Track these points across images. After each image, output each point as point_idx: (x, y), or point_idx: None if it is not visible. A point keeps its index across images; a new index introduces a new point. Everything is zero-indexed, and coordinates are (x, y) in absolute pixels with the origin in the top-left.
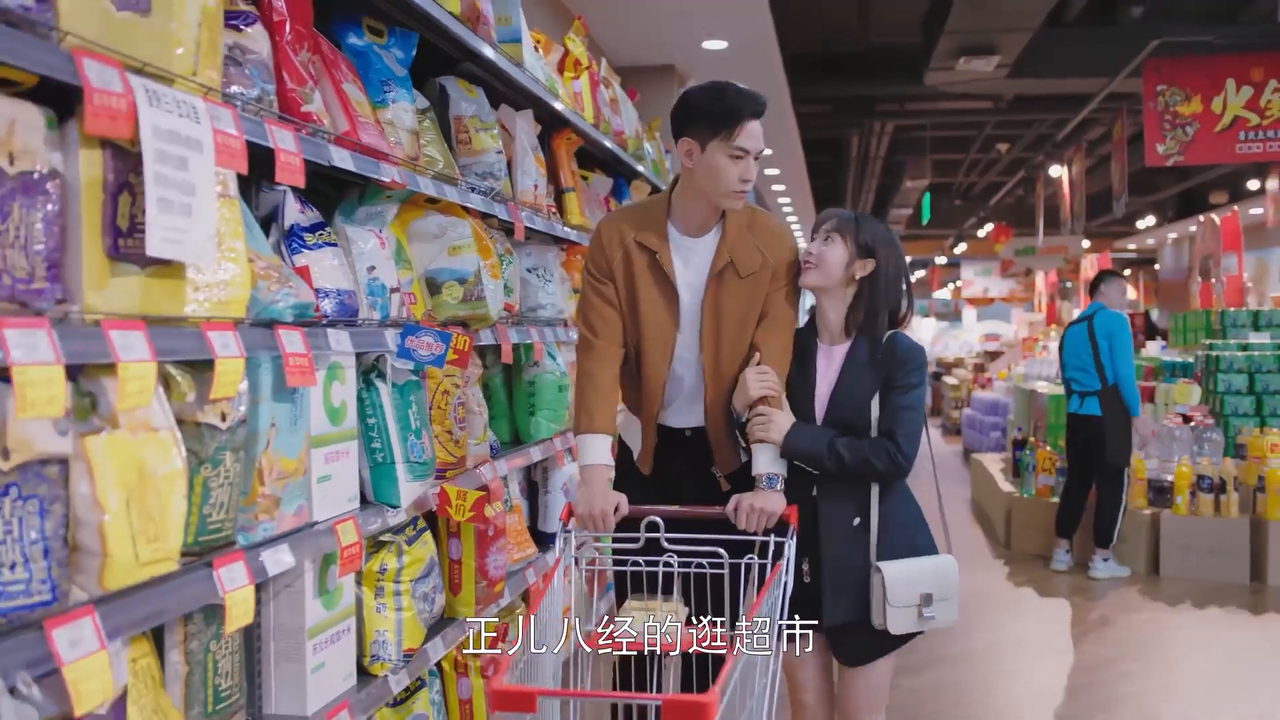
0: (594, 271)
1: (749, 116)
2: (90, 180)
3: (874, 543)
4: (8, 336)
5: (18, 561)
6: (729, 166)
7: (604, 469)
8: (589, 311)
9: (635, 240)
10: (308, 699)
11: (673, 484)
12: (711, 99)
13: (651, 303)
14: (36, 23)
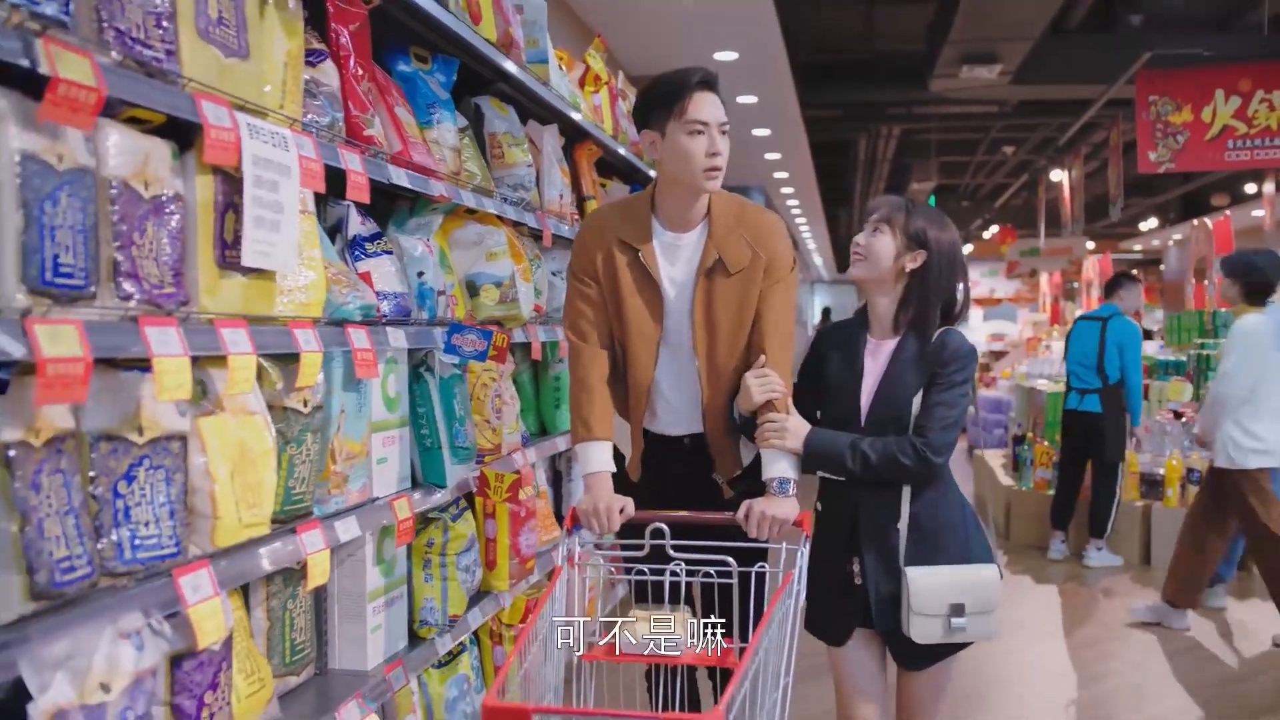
0: (578, 272)
1: (696, 87)
2: (204, 201)
3: (903, 545)
4: (149, 333)
5: (150, 520)
6: (691, 144)
7: (607, 475)
8: (575, 316)
9: (618, 238)
10: (368, 655)
11: (668, 491)
12: (656, 83)
13: (635, 302)
14: (167, 72)
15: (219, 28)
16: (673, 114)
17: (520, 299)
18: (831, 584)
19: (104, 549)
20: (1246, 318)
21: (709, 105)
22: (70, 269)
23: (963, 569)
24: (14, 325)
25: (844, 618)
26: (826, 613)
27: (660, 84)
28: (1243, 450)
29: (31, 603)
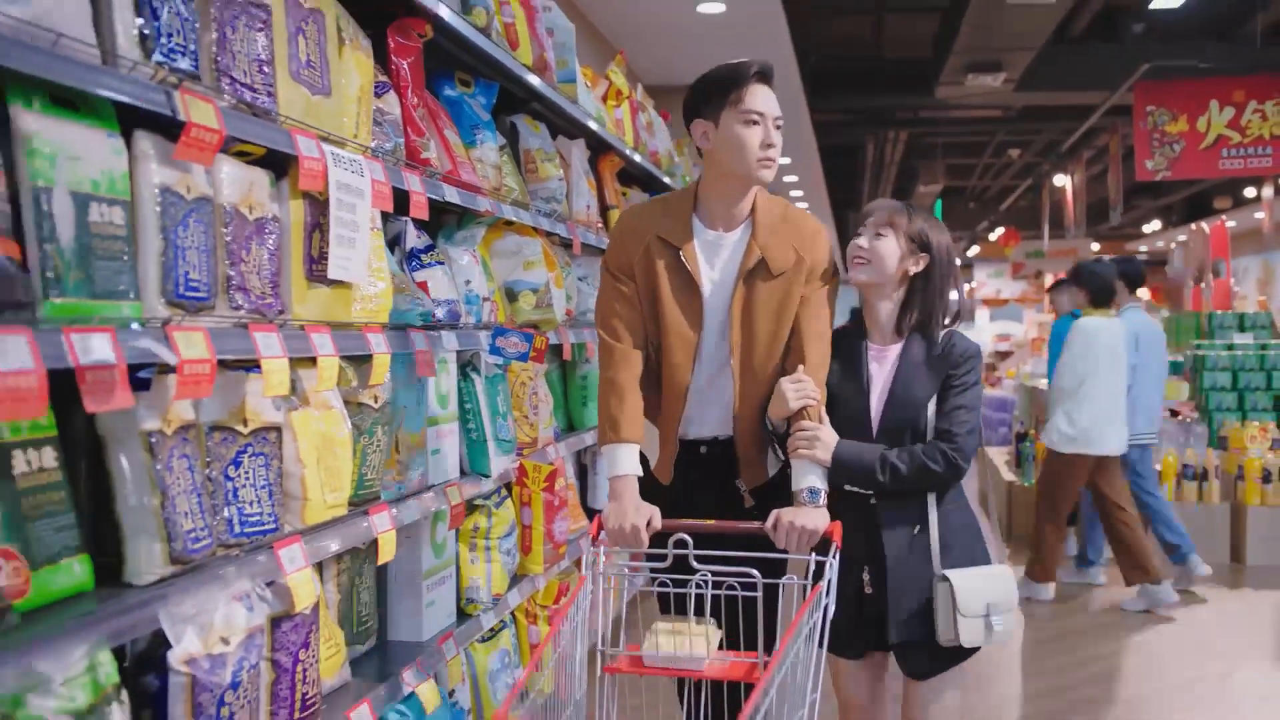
0: (613, 270)
1: (754, 78)
2: (296, 222)
3: (936, 551)
4: (257, 338)
5: (254, 500)
6: (746, 134)
7: (633, 480)
8: (608, 315)
9: (657, 236)
10: (423, 629)
11: (690, 496)
12: (713, 73)
13: (674, 302)
14: (268, 111)
15: (307, 69)
16: (728, 103)
17: (554, 304)
18: (842, 595)
19: (218, 524)
20: (1088, 319)
21: (764, 97)
22: (197, 284)
23: (989, 570)
24: (159, 332)
25: (858, 631)
26: (839, 626)
27: (716, 74)
28: (1063, 437)
29: (170, 566)
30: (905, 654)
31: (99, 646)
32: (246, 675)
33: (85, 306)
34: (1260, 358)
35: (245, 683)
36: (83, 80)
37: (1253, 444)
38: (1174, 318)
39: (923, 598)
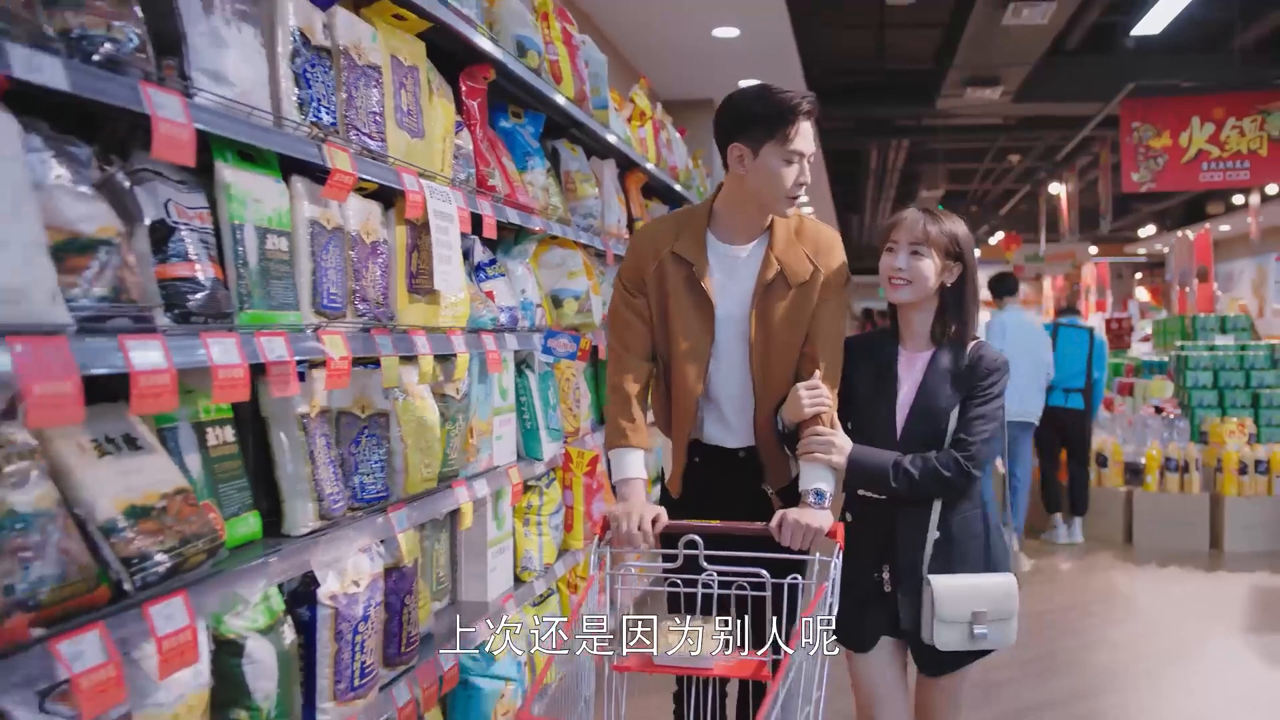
0: (626, 284)
1: (803, 116)
2: (400, 245)
3: (928, 554)
4: (377, 340)
5: (370, 472)
6: (784, 171)
7: (640, 483)
8: (620, 325)
9: (671, 251)
10: (488, 591)
11: (713, 504)
12: (763, 100)
13: (685, 317)
14: (381, 154)
15: (407, 117)
16: (774, 137)
17: (593, 310)
18: (861, 592)
19: (347, 490)
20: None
21: (807, 136)
22: (335, 296)
23: (984, 577)
24: (313, 336)
25: (873, 625)
26: (854, 620)
27: (763, 104)
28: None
29: (318, 521)
30: (918, 648)
31: (271, 582)
32: (372, 611)
33: (266, 316)
34: (1240, 358)
35: (371, 617)
36: (262, 140)
37: (1231, 439)
38: (1160, 320)
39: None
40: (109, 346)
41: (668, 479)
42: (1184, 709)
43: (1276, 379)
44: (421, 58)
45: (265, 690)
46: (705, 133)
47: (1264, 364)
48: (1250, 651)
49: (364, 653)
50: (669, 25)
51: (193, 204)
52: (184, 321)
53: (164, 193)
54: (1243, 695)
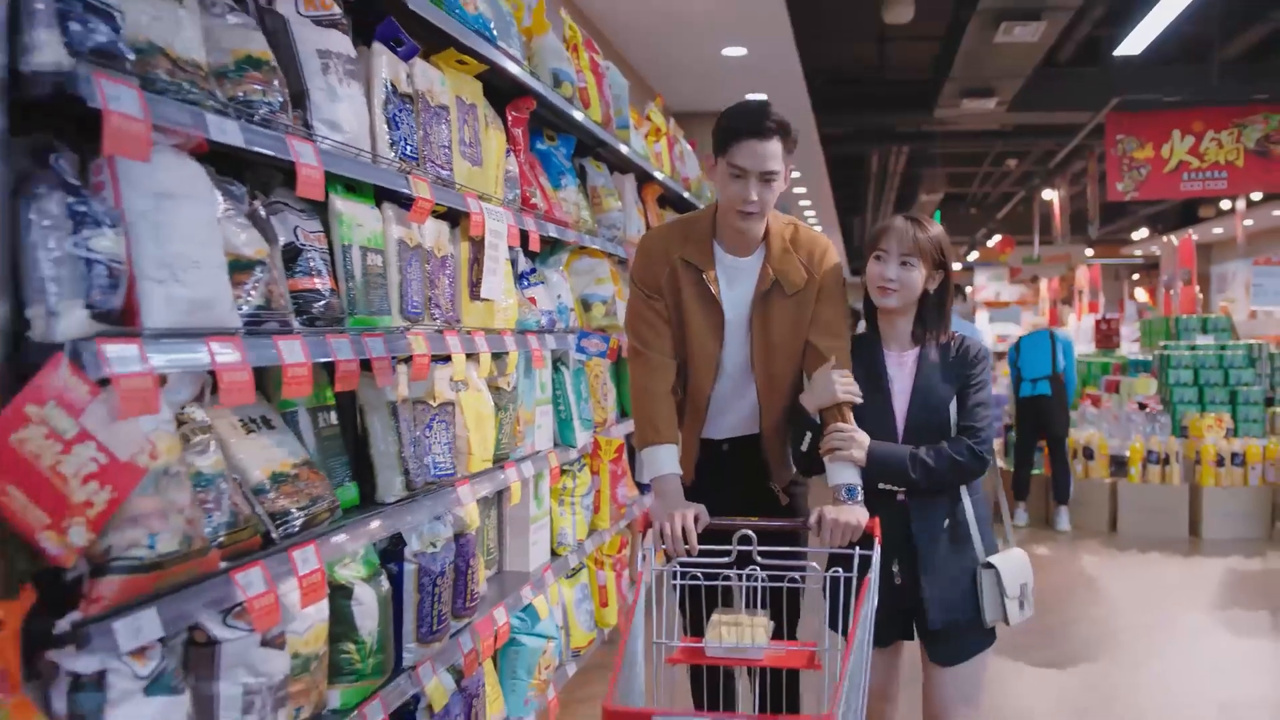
0: (642, 287)
1: (745, 135)
2: (464, 259)
3: (978, 541)
4: (449, 340)
5: (440, 452)
6: (729, 184)
7: (675, 478)
8: (640, 324)
9: (682, 258)
10: (529, 562)
11: (719, 495)
12: (721, 117)
13: (698, 320)
14: (450, 181)
15: (469, 147)
16: (723, 151)
17: (618, 313)
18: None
19: (424, 467)
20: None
21: (748, 153)
22: (416, 304)
23: (1012, 554)
24: (402, 336)
25: (888, 620)
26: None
27: (723, 118)
28: None
29: (405, 492)
30: (934, 640)
31: (371, 539)
32: (446, 568)
33: (368, 320)
34: (1219, 357)
35: (446, 574)
36: (365, 174)
37: (1209, 433)
38: (1146, 321)
39: (958, 586)
40: (266, 345)
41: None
42: (1157, 672)
43: (1253, 377)
44: (479, 96)
45: (369, 628)
46: None
47: (1242, 363)
48: (1220, 626)
49: (440, 603)
50: (682, 47)
51: (313, 229)
52: (310, 325)
53: (292, 220)
54: (1210, 662)
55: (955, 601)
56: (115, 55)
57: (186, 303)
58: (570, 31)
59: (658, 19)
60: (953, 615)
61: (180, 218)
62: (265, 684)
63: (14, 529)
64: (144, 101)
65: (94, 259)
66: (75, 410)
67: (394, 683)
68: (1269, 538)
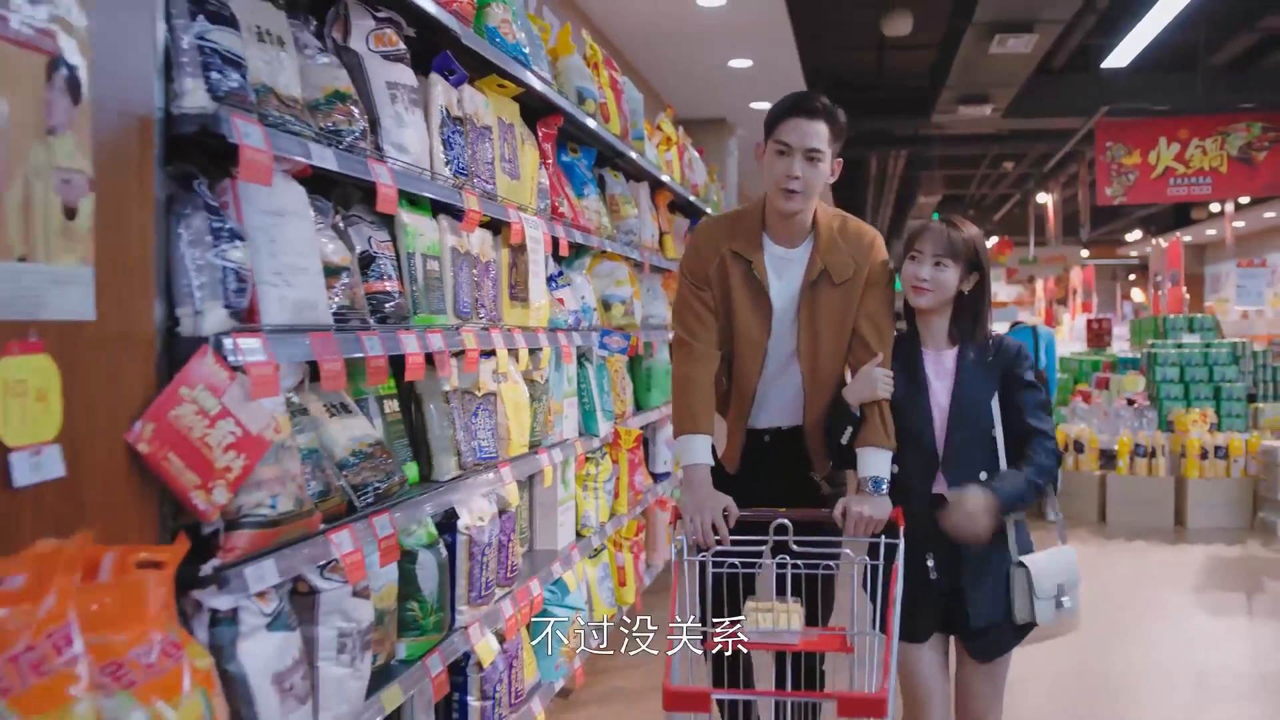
0: (691, 278)
1: (792, 113)
2: (504, 263)
3: (1013, 540)
4: (494, 337)
5: (485, 437)
6: (775, 161)
7: (706, 469)
8: (686, 315)
9: (730, 250)
10: (557, 541)
11: (760, 485)
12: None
13: (746, 310)
14: (493, 194)
15: (508, 163)
16: (771, 132)
17: (635, 312)
18: (910, 583)
19: (472, 450)
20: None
21: (794, 130)
22: (466, 304)
23: (1056, 550)
24: (456, 333)
25: (925, 615)
26: (906, 612)
27: (772, 107)
28: None
29: (458, 471)
30: (977, 638)
31: (430, 512)
32: (492, 541)
33: (428, 319)
34: (1204, 354)
35: (492, 545)
36: (426, 190)
37: (1194, 427)
38: (1136, 321)
39: (997, 585)
40: (352, 339)
41: (722, 454)
42: (1140, 645)
43: (1236, 374)
44: (516, 116)
45: (429, 589)
46: (721, 149)
47: (1225, 360)
48: (1199, 606)
49: (487, 571)
50: (691, 61)
51: (383, 239)
52: (382, 323)
53: (366, 231)
54: (1188, 637)
55: (994, 601)
56: (244, 97)
57: (294, 304)
58: (591, 50)
59: (669, 33)
60: (993, 614)
61: (289, 232)
62: (355, 629)
63: (171, 489)
64: (266, 136)
65: (228, 267)
66: (218, 392)
67: (449, 639)
68: (1250, 527)
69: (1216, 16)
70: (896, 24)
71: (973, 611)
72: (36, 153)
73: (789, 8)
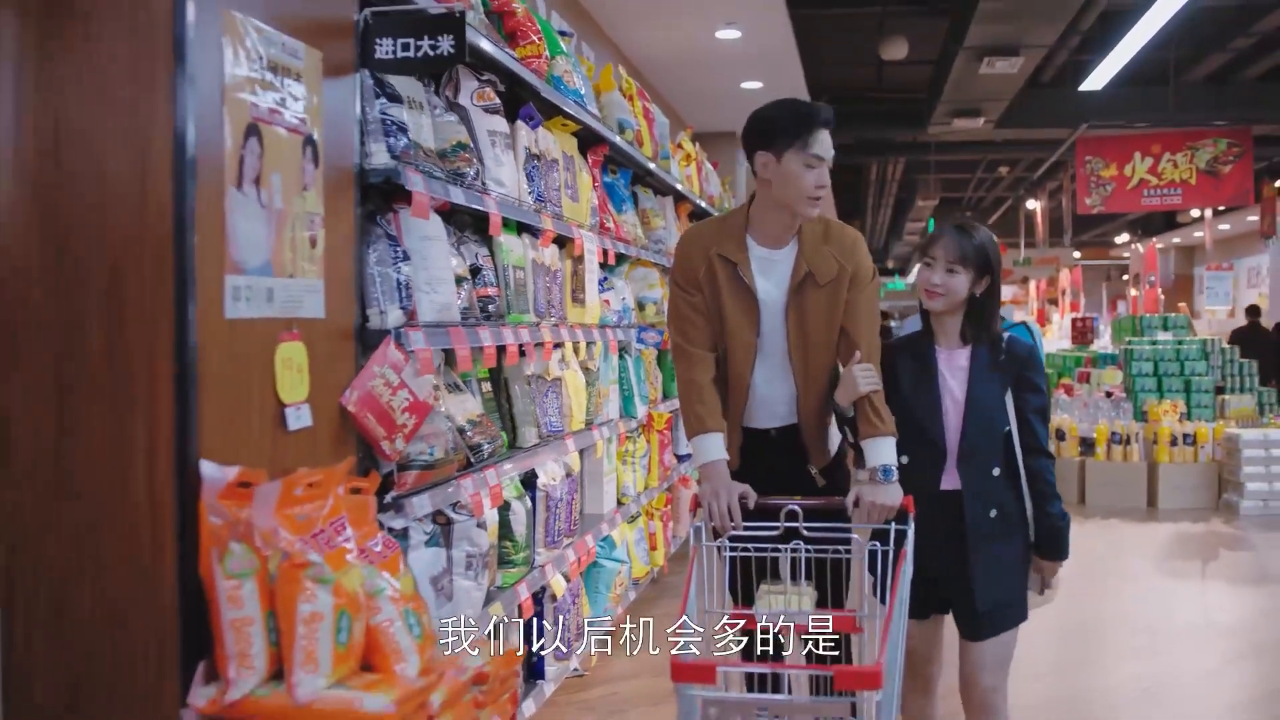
0: (681, 283)
1: (821, 125)
2: (567, 271)
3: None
4: (562, 332)
5: (554, 414)
6: (804, 174)
7: (723, 463)
8: (682, 323)
9: (717, 253)
10: (603, 506)
11: (761, 479)
12: (786, 111)
13: (734, 311)
14: (560, 215)
15: (570, 189)
16: (795, 143)
17: (665, 311)
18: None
19: (545, 424)
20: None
21: (826, 143)
22: (541, 306)
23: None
24: (537, 329)
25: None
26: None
27: (785, 115)
28: None
29: (537, 439)
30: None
31: (518, 471)
32: (562, 498)
33: (517, 317)
34: (1176, 351)
35: (562, 501)
36: (515, 215)
37: (1166, 417)
38: (1116, 320)
39: (1007, 573)
40: (473, 333)
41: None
42: (1110, 606)
43: (1205, 368)
44: (575, 149)
45: (520, 533)
46: (732, 160)
47: (1196, 356)
48: (1162, 573)
49: (559, 520)
50: (708, 83)
51: (484, 254)
52: (486, 320)
53: (473, 248)
54: (1151, 595)
55: (1002, 587)
56: (409, 154)
57: (439, 306)
58: (626, 84)
59: (690, 61)
60: (998, 600)
61: (434, 252)
62: (478, 552)
63: (366, 439)
64: (425, 182)
65: (400, 279)
66: (397, 369)
67: (531, 574)
68: (1215, 507)
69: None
70: (893, 48)
71: (978, 598)
72: (296, 204)
73: (796, 35)
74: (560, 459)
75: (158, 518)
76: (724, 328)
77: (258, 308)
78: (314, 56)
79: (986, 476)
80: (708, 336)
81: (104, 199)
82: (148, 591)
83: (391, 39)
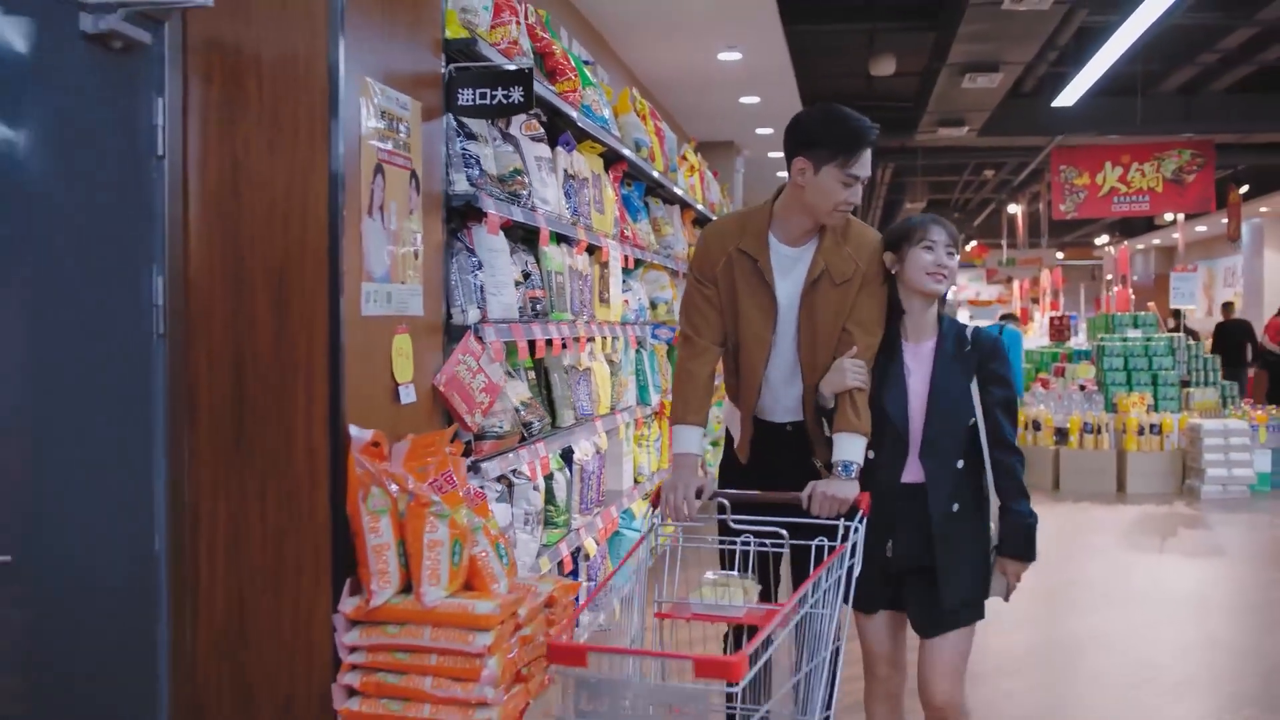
0: (698, 275)
1: (868, 145)
2: (596, 275)
3: (994, 529)
4: (592, 329)
5: (585, 399)
6: (839, 190)
7: (693, 457)
8: (691, 311)
9: (738, 248)
10: (623, 480)
11: (772, 474)
12: (833, 123)
13: (750, 306)
14: (590, 226)
15: (597, 203)
16: (837, 159)
17: (674, 311)
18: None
19: (579, 408)
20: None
21: (868, 164)
22: (576, 306)
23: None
24: (574, 325)
25: (877, 590)
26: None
27: (838, 125)
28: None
29: (573, 420)
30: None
31: (557, 446)
32: (594, 471)
33: (558, 315)
34: (1145, 347)
35: (594, 474)
36: (557, 227)
37: (1134, 408)
38: (1090, 318)
39: (973, 568)
40: (529, 328)
41: (736, 445)
42: (1076, 571)
43: (1172, 363)
44: (600, 167)
45: (561, 498)
46: (729, 167)
47: (1163, 352)
48: (1127, 548)
49: (591, 491)
50: (710, 99)
51: (531, 260)
52: (536, 318)
53: (523, 256)
54: (1113, 568)
55: (967, 582)
56: (481, 181)
57: (504, 306)
58: (640, 106)
59: (694, 80)
60: (964, 596)
61: (499, 261)
62: (534, 511)
63: (452, 414)
64: (496, 204)
65: (476, 284)
66: (475, 357)
67: (569, 535)
68: (1178, 492)
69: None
70: (881, 65)
71: (944, 594)
72: (405, 225)
73: (791, 51)
74: (591, 438)
75: (314, 466)
76: (737, 323)
77: (381, 307)
78: (416, 106)
79: (950, 469)
80: (716, 330)
81: (272, 220)
82: (307, 523)
83: (471, 89)
